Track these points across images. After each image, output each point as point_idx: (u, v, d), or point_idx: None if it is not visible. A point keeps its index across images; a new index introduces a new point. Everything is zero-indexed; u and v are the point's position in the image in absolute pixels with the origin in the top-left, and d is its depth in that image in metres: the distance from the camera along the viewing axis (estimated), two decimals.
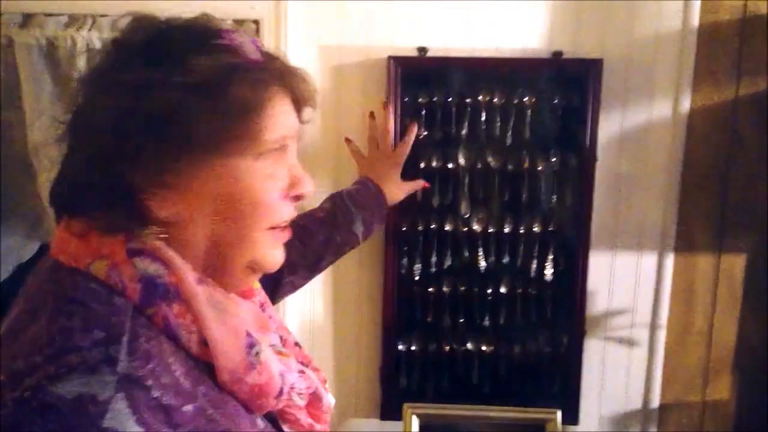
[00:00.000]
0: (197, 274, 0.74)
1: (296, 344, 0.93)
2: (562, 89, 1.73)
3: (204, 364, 0.73)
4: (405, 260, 1.80)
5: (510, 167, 1.76)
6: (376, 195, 1.44)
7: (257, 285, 0.92)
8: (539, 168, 1.75)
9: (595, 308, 1.86)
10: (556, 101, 1.73)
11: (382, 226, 1.47)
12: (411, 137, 1.57)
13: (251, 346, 0.74)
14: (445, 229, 1.79)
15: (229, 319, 0.73)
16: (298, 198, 0.78)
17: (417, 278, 1.80)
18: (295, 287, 1.27)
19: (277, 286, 1.22)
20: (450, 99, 1.74)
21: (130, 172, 0.72)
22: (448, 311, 1.82)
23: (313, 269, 1.30)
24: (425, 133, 1.75)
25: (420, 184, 1.57)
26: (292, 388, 0.79)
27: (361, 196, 1.41)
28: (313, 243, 1.28)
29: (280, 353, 0.80)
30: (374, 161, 1.54)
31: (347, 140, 1.62)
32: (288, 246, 1.11)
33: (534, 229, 1.78)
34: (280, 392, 0.77)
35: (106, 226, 0.74)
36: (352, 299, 1.86)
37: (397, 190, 1.52)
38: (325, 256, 1.31)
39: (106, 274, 0.72)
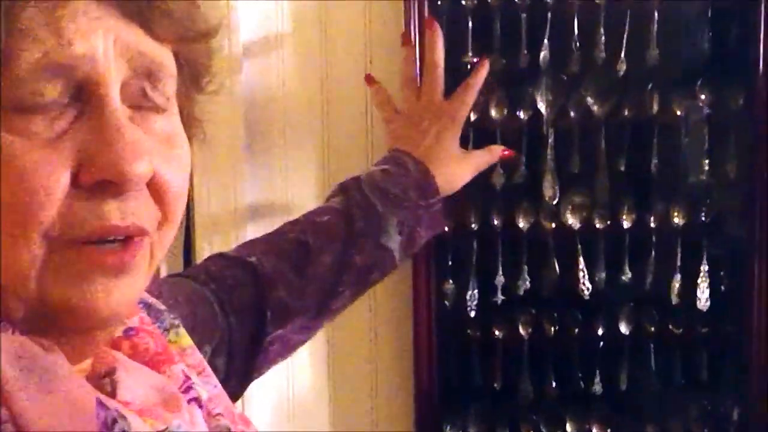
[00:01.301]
0: None
1: None
2: None
3: None
4: (450, 284, 1.44)
5: (627, 115, 1.41)
6: (421, 179, 1.21)
7: (186, 342, 0.77)
8: (678, 114, 1.41)
9: None
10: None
11: (435, 233, 1.25)
12: (479, 78, 1.28)
13: (110, 422, 0.61)
14: (519, 226, 1.42)
15: (58, 384, 0.60)
16: (112, 187, 0.60)
17: (472, 314, 1.44)
18: (288, 347, 1.10)
19: (256, 346, 1.05)
20: None
21: None
22: (529, 370, 1.47)
23: (318, 314, 1.12)
24: (474, 59, 1.38)
25: (497, 152, 1.31)
26: None
27: (393, 182, 1.20)
28: (316, 270, 1.11)
29: None
30: (415, 120, 1.28)
31: (369, 80, 1.32)
32: (272, 278, 1.06)
33: (674, 222, 1.41)
34: None
35: None
36: (362, 353, 1.56)
37: (459, 168, 1.27)
38: (336, 289, 1.13)
39: None
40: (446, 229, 1.31)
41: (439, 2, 1.35)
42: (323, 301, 1.12)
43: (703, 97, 1.38)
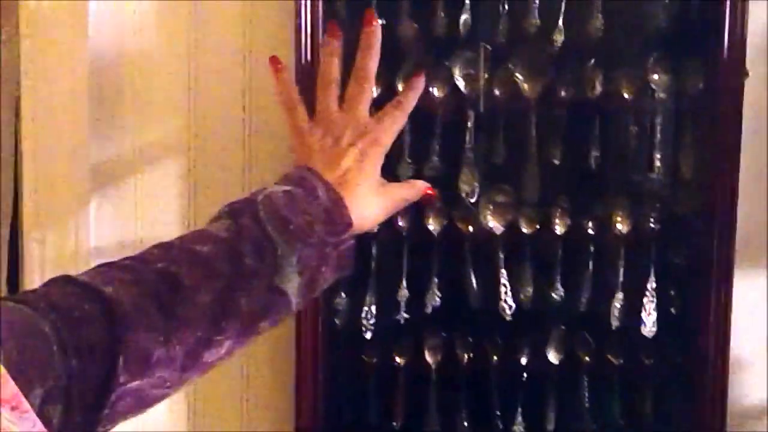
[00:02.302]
0: None
1: None
2: None
3: None
4: (342, 298, 1.33)
5: (563, 96, 1.31)
6: (332, 209, 1.06)
7: None
8: (625, 98, 1.30)
9: (751, 390, 1.49)
10: None
11: (340, 276, 1.06)
12: (413, 97, 1.12)
13: None
14: (428, 228, 1.30)
15: None
16: None
17: (369, 335, 1.32)
18: (144, 402, 0.92)
19: (103, 398, 0.87)
20: None
21: None
22: (436, 405, 1.35)
23: (186, 366, 0.95)
24: (380, 21, 1.21)
25: (420, 187, 1.16)
26: None
27: (298, 210, 1.05)
28: (189, 312, 0.95)
29: None
30: (334, 133, 1.14)
31: (274, 64, 1.14)
32: (131, 316, 0.97)
33: (617, 229, 1.31)
34: None
35: None
36: (231, 383, 1.45)
37: (377, 202, 1.11)
38: (212, 338, 0.96)
39: None
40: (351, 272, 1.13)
41: None
42: (195, 350, 0.94)
43: (655, 77, 1.28)
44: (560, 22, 1.24)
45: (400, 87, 1.22)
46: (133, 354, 0.89)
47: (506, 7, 1.22)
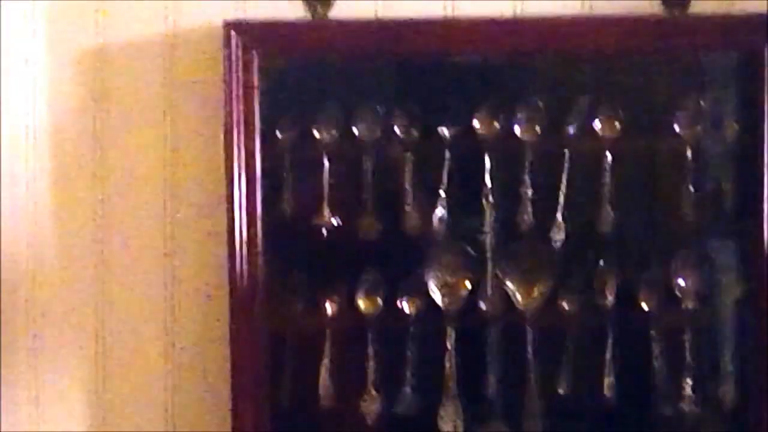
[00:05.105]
0: None
1: None
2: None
3: None
4: None
5: (566, 308, 1.16)
6: None
7: None
8: (644, 308, 1.16)
9: None
10: None
11: None
12: None
13: None
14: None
15: None
16: None
17: None
18: None
19: None
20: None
21: None
22: None
23: None
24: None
25: None
26: None
27: None
28: None
29: None
30: None
31: None
32: None
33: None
34: None
35: None
36: None
37: None
38: None
39: None
40: None
41: (276, 133, 1.04)
42: None
43: (681, 282, 1.09)
44: (559, 216, 1.08)
45: (360, 303, 1.06)
46: None
47: (491, 199, 1.07)
